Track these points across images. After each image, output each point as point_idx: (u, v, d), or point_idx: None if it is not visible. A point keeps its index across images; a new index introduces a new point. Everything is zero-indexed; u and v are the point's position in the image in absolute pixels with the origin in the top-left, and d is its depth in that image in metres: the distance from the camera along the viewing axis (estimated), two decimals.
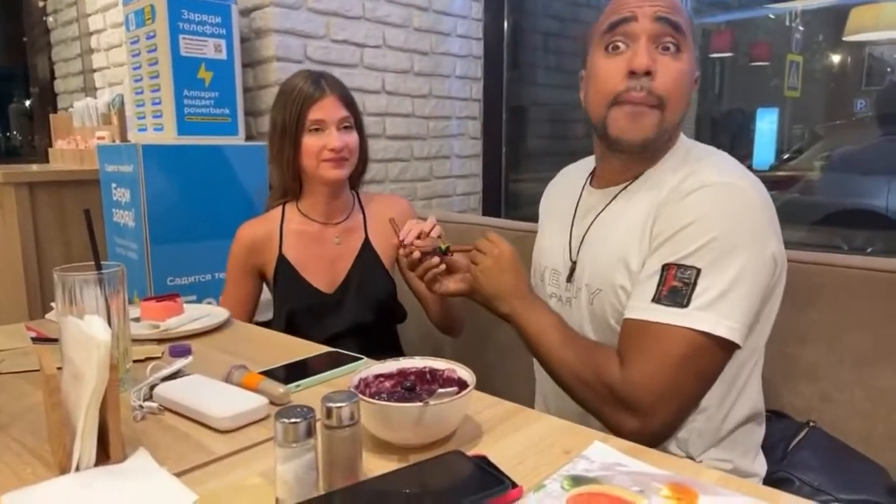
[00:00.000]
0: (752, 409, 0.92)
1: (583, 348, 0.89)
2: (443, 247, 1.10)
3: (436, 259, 1.10)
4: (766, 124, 2.16)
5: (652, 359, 0.80)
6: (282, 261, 1.35)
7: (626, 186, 0.94)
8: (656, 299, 0.81)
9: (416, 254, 1.10)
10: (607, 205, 0.96)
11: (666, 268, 0.81)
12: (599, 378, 0.84)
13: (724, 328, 0.78)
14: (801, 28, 2.10)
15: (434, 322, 1.44)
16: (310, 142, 1.30)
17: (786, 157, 2.16)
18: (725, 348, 0.80)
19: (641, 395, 0.80)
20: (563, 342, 0.89)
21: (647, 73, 0.84)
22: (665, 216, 0.84)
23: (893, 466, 0.98)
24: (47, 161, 2.94)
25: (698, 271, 0.79)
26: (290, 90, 1.32)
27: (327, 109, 1.29)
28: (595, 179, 1.02)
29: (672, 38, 0.85)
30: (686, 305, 0.78)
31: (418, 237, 1.10)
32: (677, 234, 0.81)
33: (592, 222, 0.97)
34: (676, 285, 0.80)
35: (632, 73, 0.84)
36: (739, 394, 0.90)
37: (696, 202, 0.81)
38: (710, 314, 0.78)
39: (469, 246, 1.04)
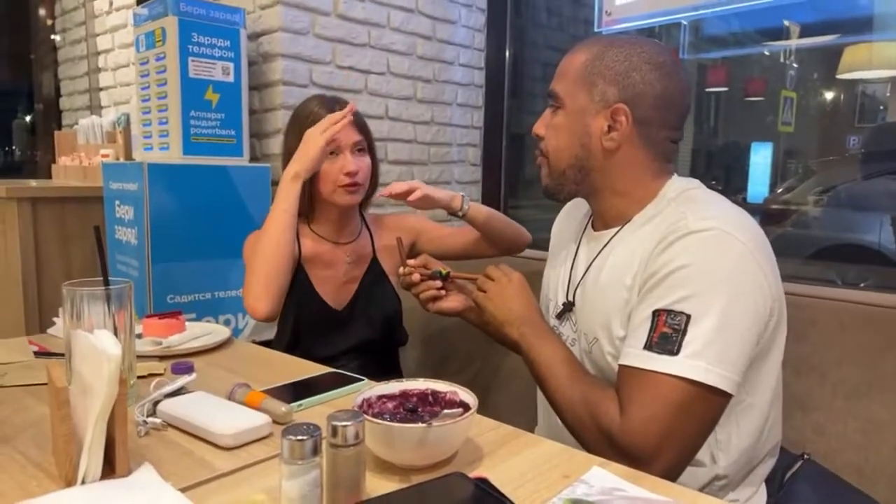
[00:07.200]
0: (775, 440, 0.94)
1: (588, 388, 0.88)
2: (443, 272, 1.12)
3: (436, 282, 1.11)
4: (761, 158, 2.19)
5: (648, 407, 0.80)
6: (300, 270, 1.36)
7: (617, 232, 0.95)
8: (648, 346, 0.81)
9: (416, 276, 1.12)
10: (601, 250, 0.97)
11: (657, 314, 0.82)
12: (597, 424, 0.84)
13: (714, 376, 0.78)
14: (795, 65, 2.14)
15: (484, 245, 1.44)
16: (326, 166, 1.32)
17: (779, 190, 2.20)
18: (719, 395, 0.80)
19: (640, 444, 0.80)
20: (569, 378, 0.89)
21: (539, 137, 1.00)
22: (653, 262, 0.85)
23: (886, 499, 0.99)
24: (50, 177, 2.96)
25: (688, 318, 0.79)
26: (304, 115, 1.35)
27: (342, 133, 1.32)
28: (593, 220, 1.04)
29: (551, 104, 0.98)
30: (676, 353, 0.79)
31: (422, 266, 1.12)
32: (665, 280, 0.82)
33: (588, 267, 0.98)
34: (667, 332, 0.80)
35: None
36: (771, 430, 0.92)
37: (683, 249, 0.82)
38: (700, 362, 0.78)
39: (471, 274, 1.06)
